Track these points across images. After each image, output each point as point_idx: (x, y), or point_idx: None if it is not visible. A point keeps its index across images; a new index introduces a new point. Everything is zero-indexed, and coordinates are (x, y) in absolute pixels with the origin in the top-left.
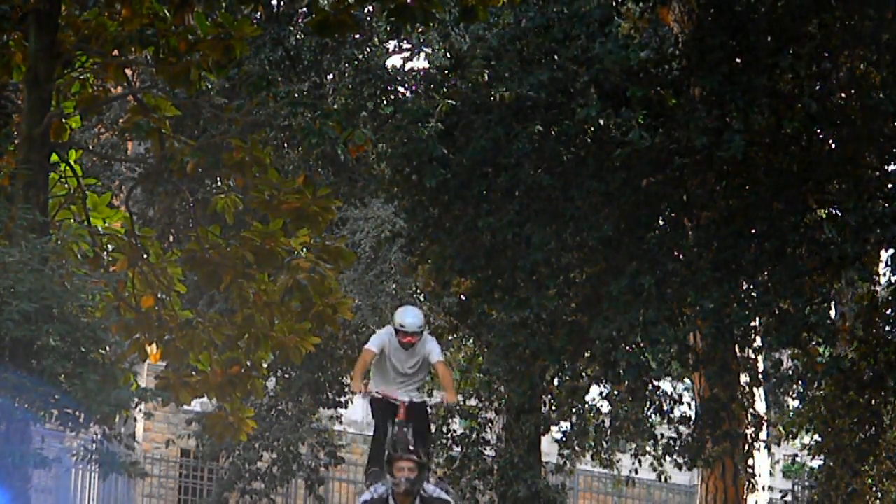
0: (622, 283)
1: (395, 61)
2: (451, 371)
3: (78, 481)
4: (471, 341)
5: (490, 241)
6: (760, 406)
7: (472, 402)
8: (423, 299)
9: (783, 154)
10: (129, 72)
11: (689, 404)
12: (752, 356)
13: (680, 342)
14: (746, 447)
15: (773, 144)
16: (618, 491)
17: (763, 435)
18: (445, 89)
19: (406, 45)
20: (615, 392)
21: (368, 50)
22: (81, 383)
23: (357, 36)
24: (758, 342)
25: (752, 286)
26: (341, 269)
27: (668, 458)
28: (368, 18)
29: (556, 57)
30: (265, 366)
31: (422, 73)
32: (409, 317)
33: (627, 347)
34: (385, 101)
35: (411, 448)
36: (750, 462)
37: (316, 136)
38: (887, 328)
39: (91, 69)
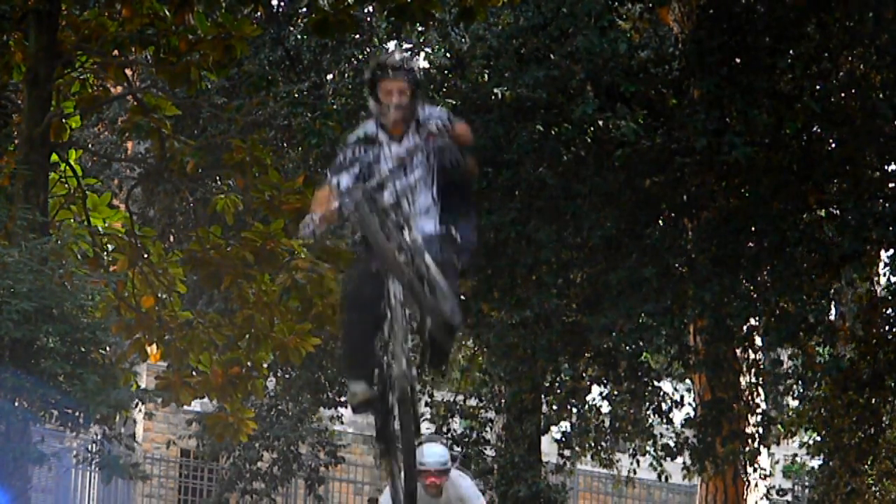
0: (621, 275)
1: None
2: None
3: (78, 481)
4: (471, 341)
5: (491, 240)
6: (761, 406)
7: (472, 402)
8: None
9: (783, 154)
10: (129, 72)
11: (692, 406)
12: (753, 356)
13: (680, 342)
14: (750, 447)
15: (773, 144)
16: (618, 491)
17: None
18: (445, 89)
19: (406, 45)
20: (615, 392)
21: (368, 50)
22: (81, 384)
23: (357, 36)
24: (757, 341)
25: (751, 285)
26: (341, 269)
27: (674, 460)
28: (368, 18)
29: (551, 56)
30: (265, 366)
31: (422, 73)
32: (430, 453)
33: (627, 347)
34: None
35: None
36: (755, 463)
37: (316, 136)
38: (887, 328)
39: (91, 69)
